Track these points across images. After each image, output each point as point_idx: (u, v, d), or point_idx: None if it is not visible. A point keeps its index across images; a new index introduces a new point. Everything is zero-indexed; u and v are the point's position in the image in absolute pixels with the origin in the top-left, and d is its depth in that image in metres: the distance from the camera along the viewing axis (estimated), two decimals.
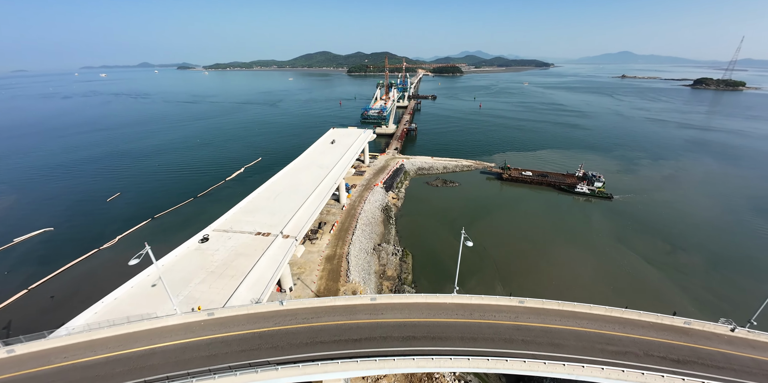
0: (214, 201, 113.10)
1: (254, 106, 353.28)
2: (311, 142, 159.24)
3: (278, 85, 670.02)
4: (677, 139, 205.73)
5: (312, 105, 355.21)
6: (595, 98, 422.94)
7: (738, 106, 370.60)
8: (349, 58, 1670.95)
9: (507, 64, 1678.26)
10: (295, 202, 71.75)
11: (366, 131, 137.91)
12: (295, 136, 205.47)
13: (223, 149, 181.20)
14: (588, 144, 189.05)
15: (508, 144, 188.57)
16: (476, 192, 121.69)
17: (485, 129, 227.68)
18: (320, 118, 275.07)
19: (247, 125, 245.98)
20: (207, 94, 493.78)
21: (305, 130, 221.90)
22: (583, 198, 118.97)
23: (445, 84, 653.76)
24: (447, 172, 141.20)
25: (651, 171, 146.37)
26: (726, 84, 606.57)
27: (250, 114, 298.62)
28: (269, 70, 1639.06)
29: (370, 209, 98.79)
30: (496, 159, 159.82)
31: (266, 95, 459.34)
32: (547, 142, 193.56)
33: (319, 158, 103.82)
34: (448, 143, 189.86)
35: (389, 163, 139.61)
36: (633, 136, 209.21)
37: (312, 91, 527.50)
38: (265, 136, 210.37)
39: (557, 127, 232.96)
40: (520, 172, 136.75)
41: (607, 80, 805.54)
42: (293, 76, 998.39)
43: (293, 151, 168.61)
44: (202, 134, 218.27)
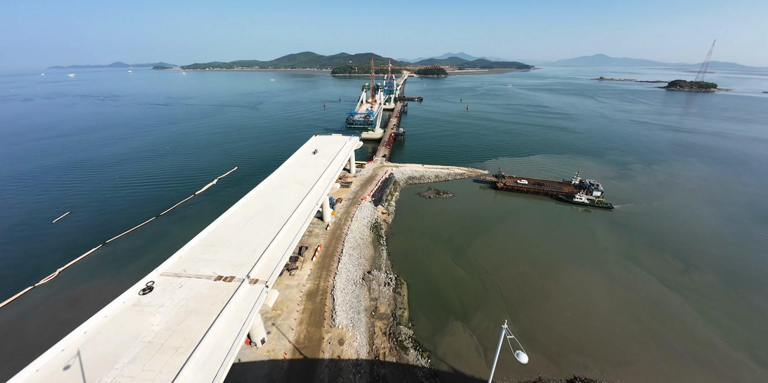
0: (180, 221, 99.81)
1: (233, 108, 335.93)
2: (293, 148, 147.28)
3: (259, 86, 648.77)
4: (664, 141, 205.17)
5: (295, 107, 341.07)
6: (578, 100, 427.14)
7: (713, 107, 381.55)
8: (333, 58, 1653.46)
9: (489, 66, 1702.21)
10: (268, 231, 60.01)
11: (352, 138, 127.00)
12: (276, 142, 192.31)
13: (195, 157, 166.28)
14: (579, 148, 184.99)
15: (499, 149, 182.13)
16: (471, 204, 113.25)
17: (475, 133, 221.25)
18: (303, 121, 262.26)
19: (224, 130, 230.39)
20: (183, 95, 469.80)
21: (287, 136, 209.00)
22: (583, 209, 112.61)
23: (430, 85, 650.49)
24: (439, 181, 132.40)
25: (646, 177, 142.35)
26: (699, 85, 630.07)
27: (227, 117, 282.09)
28: (251, 70, 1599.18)
29: (358, 228, 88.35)
30: (489, 166, 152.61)
31: (246, 97, 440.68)
32: (539, 146, 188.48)
33: (299, 172, 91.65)
34: (438, 148, 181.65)
35: (377, 173, 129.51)
36: (621, 140, 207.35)
37: (295, 92, 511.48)
38: (243, 142, 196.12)
39: (547, 131, 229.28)
40: (515, 180, 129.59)
41: (586, 82, 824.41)
42: (276, 77, 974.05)
43: (272, 159, 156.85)
44: (172, 140, 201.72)
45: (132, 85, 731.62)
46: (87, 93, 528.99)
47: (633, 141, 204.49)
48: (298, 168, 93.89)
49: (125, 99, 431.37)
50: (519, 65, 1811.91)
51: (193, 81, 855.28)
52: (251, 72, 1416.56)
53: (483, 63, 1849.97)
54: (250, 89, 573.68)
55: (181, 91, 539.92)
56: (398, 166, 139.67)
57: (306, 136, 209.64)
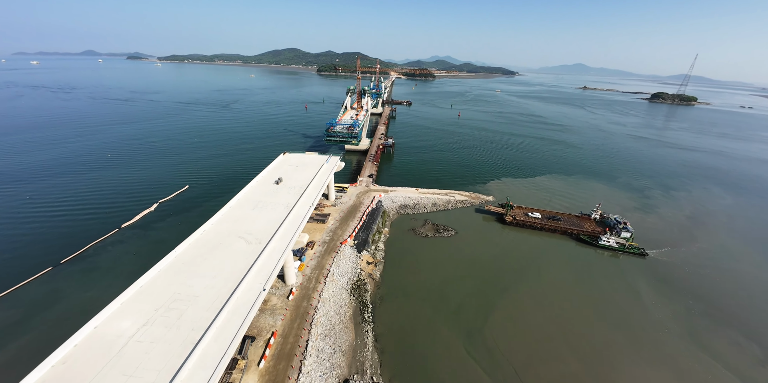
0: (85, 274, 71.69)
1: (202, 107, 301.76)
2: (260, 163, 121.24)
3: (237, 82, 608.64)
4: (671, 161, 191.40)
5: (273, 108, 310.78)
6: (570, 110, 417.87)
7: (702, 121, 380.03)
8: (320, 56, 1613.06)
9: (475, 71, 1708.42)
10: (175, 352, 34.74)
11: (330, 159, 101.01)
12: (243, 153, 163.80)
13: (139, 170, 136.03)
14: (587, 168, 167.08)
15: (501, 167, 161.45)
16: (479, 247, 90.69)
17: (470, 145, 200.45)
18: (280, 125, 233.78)
19: (185, 134, 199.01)
20: (149, 90, 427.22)
21: (257, 145, 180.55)
22: (610, 253, 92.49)
23: (419, 88, 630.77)
24: (437, 211, 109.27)
25: (670, 208, 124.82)
26: (680, 99, 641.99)
27: (193, 118, 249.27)
28: (233, 65, 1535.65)
29: (334, 294, 63.63)
30: (492, 189, 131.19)
31: (220, 94, 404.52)
32: (543, 164, 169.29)
33: (250, 218, 64.02)
34: (432, 164, 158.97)
35: (362, 200, 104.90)
36: (628, 158, 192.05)
37: (275, 90, 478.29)
38: (204, 151, 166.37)
39: (546, 145, 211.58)
40: (526, 212, 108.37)
41: (572, 91, 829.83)
42: (257, 73, 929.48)
43: (234, 176, 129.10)
44: (118, 145, 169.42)
45: (96, 75, 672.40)
46: (42, 83, 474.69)
47: (640, 160, 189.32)
48: (249, 210, 66.82)
49: (81, 92, 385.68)
50: (504, 71, 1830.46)
51: (166, 74, 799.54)
52: (233, 67, 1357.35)
53: (469, 67, 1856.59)
54: (227, 85, 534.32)
55: (149, 85, 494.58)
56: (388, 190, 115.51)
57: (280, 146, 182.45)
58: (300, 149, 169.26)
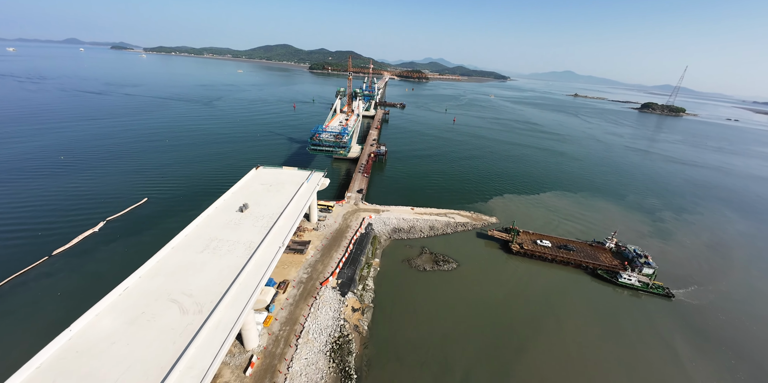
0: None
1: (182, 103, 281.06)
2: (238, 170, 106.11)
3: (225, 77, 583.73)
4: (673, 177, 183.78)
5: (259, 107, 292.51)
6: (565, 118, 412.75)
7: (694, 134, 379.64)
8: (312, 53, 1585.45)
9: (468, 74, 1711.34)
10: None
11: (312, 177, 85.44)
12: (218, 159, 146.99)
13: (95, 176, 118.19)
14: (592, 185, 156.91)
15: (501, 181, 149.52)
16: (484, 284, 77.69)
17: (468, 154, 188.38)
18: (264, 125, 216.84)
19: (157, 133, 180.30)
20: (127, 82, 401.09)
21: (237, 147, 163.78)
22: (630, 292, 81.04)
23: (411, 91, 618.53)
24: (435, 236, 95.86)
25: (686, 234, 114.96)
26: (669, 109, 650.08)
27: (170, 115, 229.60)
28: (223, 59, 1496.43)
29: (307, 365, 49.20)
30: (495, 208, 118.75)
31: (204, 89, 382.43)
32: (546, 179, 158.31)
33: (194, 266, 48.24)
34: (428, 177, 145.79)
35: (350, 223, 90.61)
36: (630, 173, 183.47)
37: (264, 87, 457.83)
38: (174, 154, 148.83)
39: (547, 156, 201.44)
40: (534, 239, 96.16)
41: (563, 98, 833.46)
42: (247, 69, 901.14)
43: (204, 187, 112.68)
44: (78, 145, 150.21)
45: (73, 65, 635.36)
46: (11, 72, 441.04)
47: (644, 176, 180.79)
48: (197, 253, 50.04)
49: (51, 82, 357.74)
50: (496, 75, 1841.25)
51: (150, 65, 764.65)
52: (222, 61, 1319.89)
53: (462, 70, 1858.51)
54: (213, 80, 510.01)
55: (128, 77, 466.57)
56: (379, 210, 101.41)
57: (261, 151, 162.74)
58: (283, 156, 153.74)
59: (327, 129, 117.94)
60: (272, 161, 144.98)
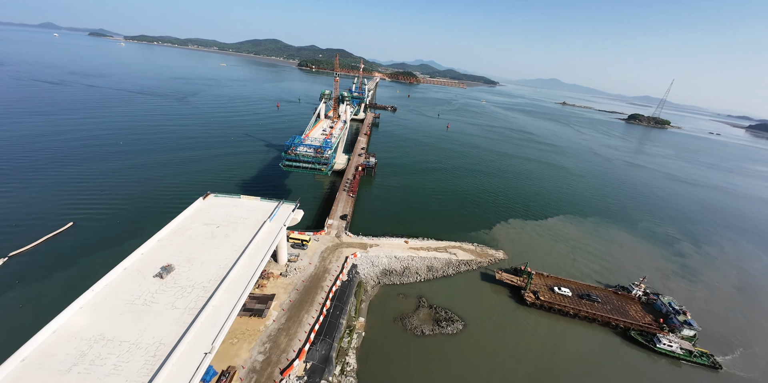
0: None
1: (151, 97, 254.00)
2: (196, 187, 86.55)
3: (206, 70, 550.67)
4: (679, 199, 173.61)
5: (238, 105, 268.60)
6: (558, 128, 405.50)
7: (685, 148, 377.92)
8: (302, 50, 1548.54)
9: (458, 78, 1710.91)
10: None
11: (279, 211, 65.66)
12: (176, 170, 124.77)
13: (12, 190, 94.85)
14: (600, 208, 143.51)
15: (503, 202, 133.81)
16: (500, 356, 60.82)
17: (465, 167, 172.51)
18: (241, 127, 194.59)
19: (110, 134, 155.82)
20: (94, 72, 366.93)
21: (203, 155, 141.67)
22: (667, 361, 66.10)
23: (403, 92, 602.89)
24: (435, 278, 78.41)
25: (712, 272, 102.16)
26: (655, 121, 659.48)
27: (133, 111, 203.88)
28: (208, 51, 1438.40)
29: None
30: (500, 238, 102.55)
31: (181, 83, 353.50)
32: (551, 200, 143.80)
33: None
34: (423, 195, 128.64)
35: (328, 265, 71.95)
36: (634, 192, 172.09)
37: (247, 83, 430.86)
38: (124, 161, 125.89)
39: (547, 170, 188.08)
40: (551, 285, 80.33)
41: (553, 106, 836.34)
42: (233, 62, 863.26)
43: (150, 209, 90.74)
44: (6, 147, 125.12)
45: (40, 51, 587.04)
46: None
47: (649, 197, 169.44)
48: (60, 373, 29.53)
49: (6, 69, 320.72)
50: (486, 80, 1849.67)
51: (126, 54, 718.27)
52: (207, 53, 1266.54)
53: (452, 74, 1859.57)
54: (192, 73, 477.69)
55: (97, 66, 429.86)
56: (367, 244, 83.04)
57: (230, 162, 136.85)
58: (255, 168, 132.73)
59: (306, 140, 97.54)
60: (241, 175, 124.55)
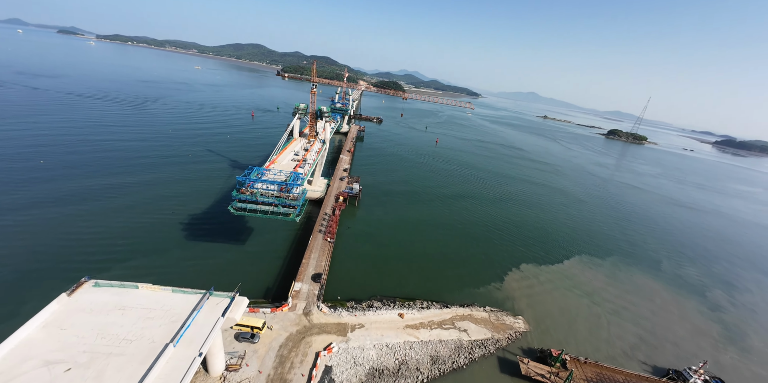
0: None
1: (104, 103, 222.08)
2: (116, 231, 61.91)
3: (178, 73, 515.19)
4: (693, 229, 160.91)
5: (207, 114, 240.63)
6: (546, 143, 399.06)
7: (671, 166, 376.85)
8: (286, 56, 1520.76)
9: (442, 89, 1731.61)
10: None
11: (205, 310, 42.01)
12: (89, 212, 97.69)
13: None
14: (613, 243, 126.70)
15: (509, 238, 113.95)
16: None
17: (461, 192, 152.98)
18: (202, 143, 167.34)
19: (32, 148, 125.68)
20: (46, 72, 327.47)
21: (142, 181, 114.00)
22: None
23: (389, 103, 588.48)
24: (441, 375, 55.72)
25: (757, 334, 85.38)
26: (633, 137, 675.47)
27: (75, 119, 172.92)
28: (187, 53, 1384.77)
29: None
30: (515, 294, 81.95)
31: (146, 87, 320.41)
32: (558, 232, 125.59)
33: None
34: (417, 233, 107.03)
35: (288, 370, 48.07)
36: (640, 220, 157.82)
37: (222, 89, 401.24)
38: (29, 191, 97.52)
39: (548, 195, 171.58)
40: (593, 380, 59.75)
41: (535, 120, 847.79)
42: (211, 66, 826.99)
43: (34, 265, 63.91)
44: None
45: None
46: None
47: (661, 226, 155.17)
48: None
49: None
50: (469, 92, 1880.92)
51: (95, 54, 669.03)
52: (186, 55, 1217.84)
53: (436, 85, 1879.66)
54: (162, 76, 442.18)
55: (54, 66, 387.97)
56: (347, 326, 59.55)
57: (173, 194, 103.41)
58: (203, 201, 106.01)
59: (269, 171, 71.93)
60: (183, 214, 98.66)
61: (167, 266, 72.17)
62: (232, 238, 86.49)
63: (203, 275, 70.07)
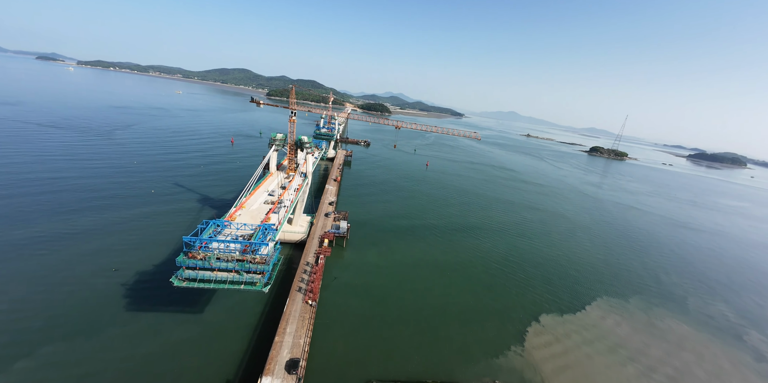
0: None
1: (65, 132, 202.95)
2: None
3: (157, 98, 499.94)
4: (703, 255, 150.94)
5: (182, 140, 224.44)
6: (534, 162, 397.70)
7: (659, 183, 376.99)
8: (273, 80, 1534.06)
9: (427, 109, 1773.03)
10: None
11: None
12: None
13: None
14: (633, 280, 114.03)
15: (522, 280, 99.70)
16: None
17: (460, 224, 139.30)
18: (170, 176, 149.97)
19: None
20: (5, 100, 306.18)
21: (83, 228, 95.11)
22: None
23: (376, 126, 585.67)
24: None
25: None
26: (615, 153, 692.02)
27: (26, 153, 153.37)
28: (171, 78, 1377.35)
29: None
30: (536, 357, 66.25)
31: (118, 113, 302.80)
32: (572, 270, 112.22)
33: None
34: (412, 278, 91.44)
35: None
36: (652, 248, 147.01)
37: (203, 114, 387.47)
38: None
39: (551, 221, 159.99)
40: None
41: (519, 138, 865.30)
42: (195, 90, 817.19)
43: None
44: None
45: None
46: None
47: (672, 253, 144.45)
48: None
49: None
50: (453, 112, 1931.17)
51: (67, 79, 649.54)
52: (170, 80, 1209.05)
53: (421, 106, 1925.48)
54: (138, 101, 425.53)
55: (18, 92, 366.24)
56: None
57: (123, 243, 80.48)
58: (154, 256, 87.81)
59: (227, 228, 54.56)
60: (121, 273, 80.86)
61: (90, 356, 53.65)
62: (188, 305, 68.60)
63: (141, 367, 51.83)
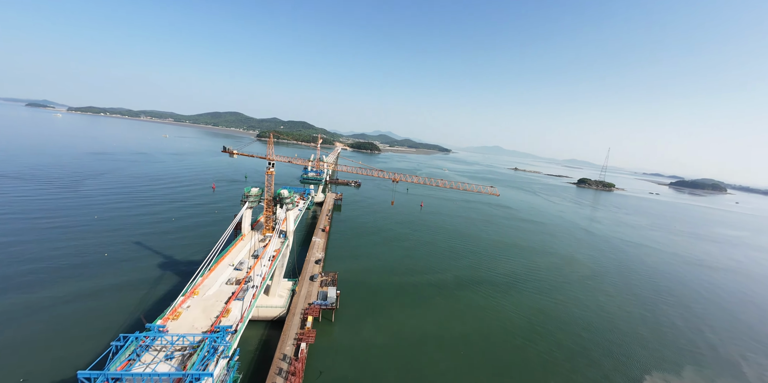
0: None
1: (27, 183, 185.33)
2: None
3: (142, 143, 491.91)
4: (743, 302, 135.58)
5: (158, 188, 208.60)
6: (528, 197, 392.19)
7: (655, 214, 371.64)
8: (264, 122, 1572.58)
9: (415, 146, 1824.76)
10: None
11: None
12: None
13: None
14: (671, 337, 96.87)
15: (542, 351, 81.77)
16: None
17: (462, 277, 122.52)
18: (134, 233, 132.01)
19: None
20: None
21: (6, 313, 76.48)
22: None
23: (365, 162, 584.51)
24: None
25: None
26: (602, 185, 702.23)
27: None
28: (162, 122, 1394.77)
29: None
30: None
31: (94, 160, 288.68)
32: (604, 330, 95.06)
33: None
34: (418, 357, 72.61)
35: None
36: (678, 294, 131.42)
37: (186, 157, 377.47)
38: None
39: (562, 269, 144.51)
40: None
41: (508, 172, 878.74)
42: (185, 133, 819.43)
43: None
44: None
45: None
46: None
47: (706, 297, 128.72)
48: None
49: None
50: (440, 148, 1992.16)
51: (50, 126, 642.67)
52: (161, 124, 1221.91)
53: (410, 143, 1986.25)
54: (120, 146, 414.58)
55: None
56: None
57: (52, 329, 67.05)
58: (92, 348, 68.31)
59: (158, 340, 38.48)
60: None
61: None
62: None
63: None
